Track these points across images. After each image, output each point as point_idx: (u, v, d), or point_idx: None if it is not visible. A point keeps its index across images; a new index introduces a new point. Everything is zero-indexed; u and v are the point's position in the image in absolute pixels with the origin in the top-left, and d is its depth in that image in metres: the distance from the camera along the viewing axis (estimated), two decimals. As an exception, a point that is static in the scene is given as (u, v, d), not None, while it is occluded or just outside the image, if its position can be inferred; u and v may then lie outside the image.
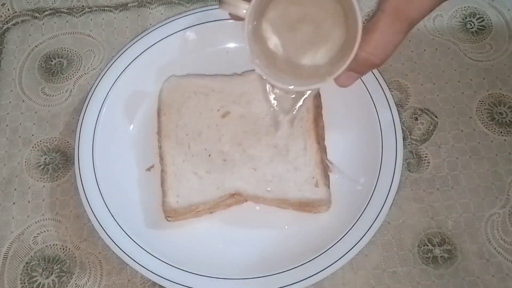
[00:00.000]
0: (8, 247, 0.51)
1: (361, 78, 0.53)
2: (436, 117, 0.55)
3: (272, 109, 0.46)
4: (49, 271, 0.50)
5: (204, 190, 0.51)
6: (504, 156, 0.53)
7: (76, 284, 0.49)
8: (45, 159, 0.55)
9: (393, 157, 0.50)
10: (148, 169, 0.53)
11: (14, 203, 0.53)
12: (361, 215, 0.48)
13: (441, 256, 0.49)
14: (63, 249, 0.51)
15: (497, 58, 0.58)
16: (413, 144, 0.54)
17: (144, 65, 0.56)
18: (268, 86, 0.44)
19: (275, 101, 0.45)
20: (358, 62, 0.37)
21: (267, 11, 0.41)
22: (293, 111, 0.46)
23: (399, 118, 0.52)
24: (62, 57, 0.60)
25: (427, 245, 0.50)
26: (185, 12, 0.59)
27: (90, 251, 0.50)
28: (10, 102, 0.58)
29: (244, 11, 0.38)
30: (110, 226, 0.49)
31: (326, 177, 0.51)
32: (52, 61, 0.60)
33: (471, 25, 0.60)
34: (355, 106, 0.54)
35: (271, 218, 0.51)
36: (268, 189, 0.50)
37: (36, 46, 0.61)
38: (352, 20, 0.36)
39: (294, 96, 0.44)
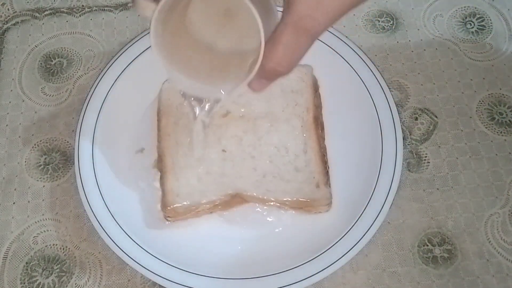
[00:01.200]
0: (8, 247, 0.51)
1: (361, 78, 0.54)
2: (436, 117, 0.55)
3: (188, 102, 0.45)
4: (49, 271, 0.50)
5: (204, 190, 0.51)
6: (504, 156, 0.53)
7: (76, 284, 0.49)
8: (45, 159, 0.55)
9: (393, 157, 0.50)
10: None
11: (14, 203, 0.53)
12: (361, 215, 0.48)
13: (441, 256, 0.49)
14: (63, 249, 0.51)
15: (497, 58, 0.58)
16: (413, 144, 0.54)
17: (144, 65, 0.56)
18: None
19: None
20: (266, 72, 0.37)
21: (182, 10, 0.41)
22: (208, 111, 0.46)
23: (399, 118, 0.53)
24: (62, 57, 0.60)
25: (427, 245, 0.50)
26: (185, 12, 0.59)
27: (90, 251, 0.50)
28: (10, 102, 0.58)
29: (151, 13, 0.37)
30: (110, 226, 0.49)
31: (327, 177, 0.51)
32: (52, 61, 0.60)
33: (471, 25, 0.60)
34: (355, 106, 0.54)
35: (271, 218, 0.51)
36: (268, 189, 0.50)
37: (36, 46, 0.61)
38: (257, 35, 0.36)
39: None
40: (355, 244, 0.47)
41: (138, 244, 0.48)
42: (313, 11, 0.34)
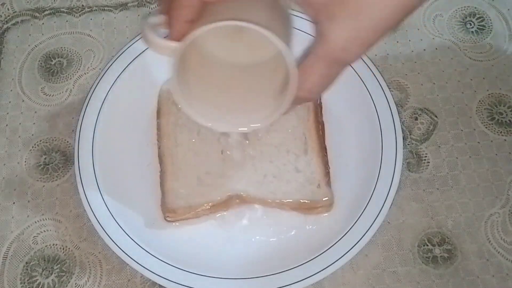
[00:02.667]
0: (8, 247, 0.51)
1: (361, 78, 0.54)
2: (436, 117, 0.55)
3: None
4: (49, 271, 0.50)
5: (203, 191, 0.51)
6: (504, 156, 0.53)
7: (76, 284, 0.49)
8: (45, 159, 0.55)
9: (393, 157, 0.50)
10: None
11: (14, 203, 0.53)
12: (361, 215, 0.48)
13: (441, 256, 0.49)
14: (63, 249, 0.51)
15: (497, 58, 0.58)
16: (413, 144, 0.54)
17: (144, 65, 0.56)
18: None
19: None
20: (298, 99, 0.38)
21: (196, 46, 0.40)
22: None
23: (399, 118, 0.52)
24: (62, 57, 0.60)
25: (427, 245, 0.50)
26: (185, 12, 0.59)
27: (90, 251, 0.50)
28: (10, 102, 0.58)
29: (170, 53, 0.36)
30: (110, 226, 0.49)
31: (327, 178, 0.51)
32: (52, 61, 0.60)
33: (471, 25, 0.60)
34: (355, 106, 0.54)
35: (271, 218, 0.51)
36: (269, 190, 0.50)
37: (36, 46, 0.61)
38: (288, 70, 0.36)
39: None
40: (355, 244, 0.47)
41: (138, 244, 0.48)
42: (349, 44, 0.33)
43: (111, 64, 0.56)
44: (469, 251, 0.49)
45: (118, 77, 0.55)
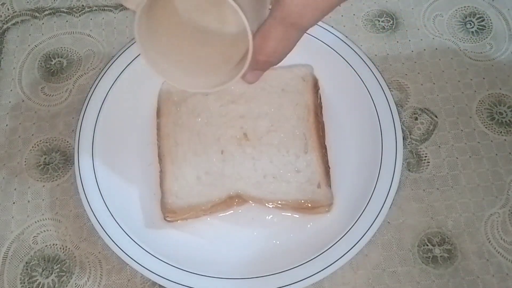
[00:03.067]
0: (8, 247, 0.51)
1: (361, 78, 0.54)
2: (436, 116, 0.55)
3: None
4: (49, 271, 0.50)
5: (203, 191, 0.51)
6: (504, 156, 0.53)
7: (76, 283, 0.49)
8: (45, 159, 0.55)
9: (393, 157, 0.50)
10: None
11: (14, 203, 0.53)
12: (361, 215, 0.48)
13: (441, 256, 0.49)
14: (63, 248, 0.51)
15: (497, 58, 0.58)
16: (413, 144, 0.54)
17: (144, 65, 0.56)
18: None
19: None
20: (259, 64, 0.39)
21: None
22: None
23: (399, 118, 0.53)
24: (62, 57, 0.60)
25: (427, 245, 0.50)
26: (185, 12, 0.59)
27: (90, 251, 0.50)
28: (10, 102, 0.58)
29: (135, 6, 0.36)
30: (110, 226, 0.49)
31: (328, 178, 0.51)
32: (52, 60, 0.60)
33: (471, 25, 0.60)
34: (355, 106, 0.54)
35: (271, 218, 0.51)
36: (269, 190, 0.50)
37: (36, 46, 0.61)
38: (245, 33, 0.36)
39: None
40: (355, 244, 0.47)
41: (138, 244, 0.48)
42: (303, 7, 0.35)
43: (111, 64, 0.56)
44: (469, 251, 0.49)
45: (118, 77, 0.55)
